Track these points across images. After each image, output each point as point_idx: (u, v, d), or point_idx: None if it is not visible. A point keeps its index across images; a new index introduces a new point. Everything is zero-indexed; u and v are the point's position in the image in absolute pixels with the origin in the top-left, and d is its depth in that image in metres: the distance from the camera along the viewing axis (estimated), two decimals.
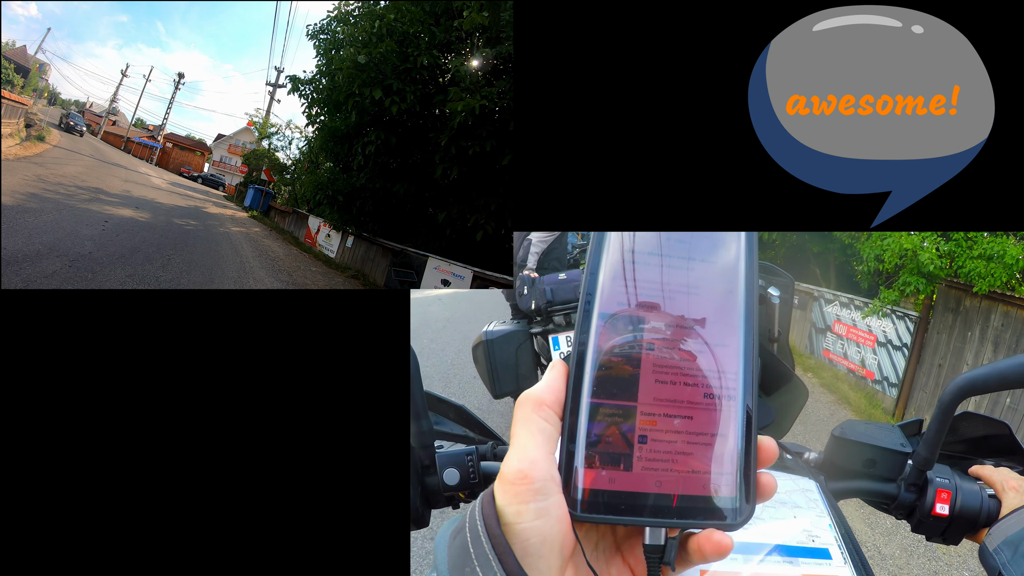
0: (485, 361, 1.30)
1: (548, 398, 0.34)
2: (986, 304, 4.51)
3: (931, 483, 0.65)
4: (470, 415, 0.85)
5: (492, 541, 0.31)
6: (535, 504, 0.31)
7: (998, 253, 4.27)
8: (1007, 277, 4.27)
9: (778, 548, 0.51)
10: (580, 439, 0.32)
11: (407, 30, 6.94)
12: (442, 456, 0.74)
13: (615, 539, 0.36)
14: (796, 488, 0.61)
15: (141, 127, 28.04)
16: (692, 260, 0.34)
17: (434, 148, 6.88)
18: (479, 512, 0.33)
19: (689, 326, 0.33)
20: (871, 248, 5.20)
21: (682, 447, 0.32)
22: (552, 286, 1.46)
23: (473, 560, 0.31)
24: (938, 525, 0.65)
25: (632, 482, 0.32)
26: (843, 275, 7.47)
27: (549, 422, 0.33)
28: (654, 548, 0.33)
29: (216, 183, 24.46)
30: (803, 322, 7.12)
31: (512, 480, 0.32)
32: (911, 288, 4.82)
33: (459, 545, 0.33)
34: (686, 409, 0.32)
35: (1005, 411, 4.10)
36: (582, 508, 0.32)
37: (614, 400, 0.32)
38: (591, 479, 0.32)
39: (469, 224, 6.76)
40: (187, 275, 6.15)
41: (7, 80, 17.66)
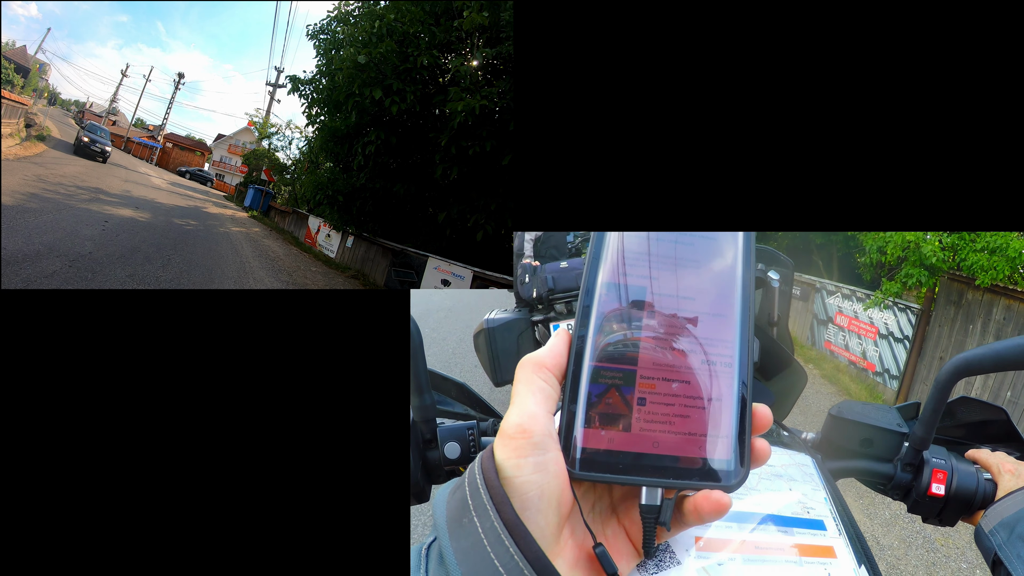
0: (486, 349, 1.29)
1: (549, 361, 0.34)
2: (988, 297, 4.51)
3: (927, 463, 0.65)
4: (472, 393, 0.85)
5: (491, 492, 0.31)
6: (533, 458, 0.32)
7: (1001, 246, 4.27)
8: (1010, 270, 4.28)
9: (772, 518, 0.51)
10: (581, 400, 0.33)
11: (407, 30, 6.94)
12: (443, 430, 0.74)
13: (611, 501, 0.36)
14: (792, 462, 0.61)
15: (141, 127, 28.06)
16: (691, 249, 0.35)
17: (434, 148, 6.88)
18: (478, 466, 0.33)
19: (688, 296, 0.34)
20: (874, 240, 5.20)
21: (680, 410, 0.33)
22: (554, 274, 1.45)
23: (471, 511, 0.32)
24: (934, 506, 0.65)
25: (630, 443, 0.33)
26: (845, 267, 7.46)
27: (549, 383, 0.34)
28: (650, 508, 0.33)
29: (203, 179, 24.37)
30: (805, 313, 7.13)
31: (512, 434, 0.32)
32: (913, 280, 4.82)
33: (458, 499, 0.33)
34: (684, 374, 0.33)
35: (1005, 404, 4.11)
36: (581, 467, 0.33)
37: (615, 364, 0.33)
38: (590, 438, 0.33)
39: (469, 224, 6.76)
40: (187, 275, 6.15)
41: (7, 80, 17.64)
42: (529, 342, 1.36)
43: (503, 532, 0.30)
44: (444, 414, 0.84)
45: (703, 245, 0.35)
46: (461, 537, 0.31)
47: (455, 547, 0.31)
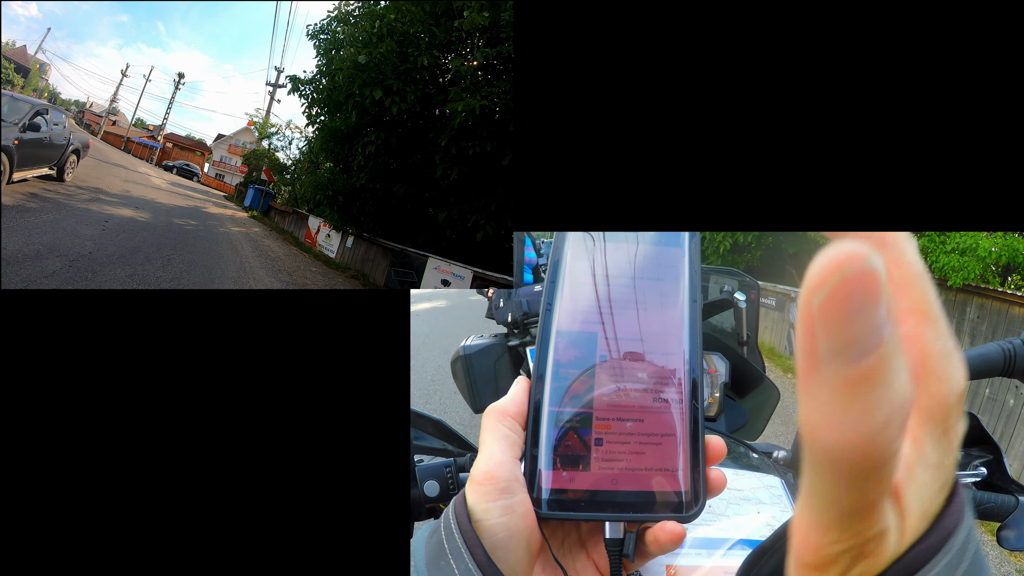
0: (464, 376, 1.30)
1: (511, 409, 0.37)
2: (962, 297, 4.56)
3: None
4: (448, 429, 0.87)
5: (464, 536, 0.34)
6: (501, 502, 0.34)
7: (971, 247, 4.32)
8: (981, 269, 4.33)
9: (741, 542, 0.53)
10: (542, 444, 0.36)
11: (407, 30, 6.93)
12: (422, 469, 0.76)
13: (579, 536, 0.38)
14: (760, 485, 0.62)
15: (141, 127, 28.02)
16: (638, 278, 0.37)
17: (434, 148, 6.87)
18: (452, 511, 0.36)
19: (637, 338, 0.37)
20: None
21: (635, 447, 0.35)
22: (528, 298, 1.46)
23: (447, 553, 0.34)
24: None
25: (591, 481, 0.35)
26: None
27: (513, 431, 0.36)
28: (614, 542, 0.35)
29: (190, 173, 24.06)
30: (781, 323, 7.16)
31: (480, 481, 0.35)
32: None
33: (435, 542, 0.35)
34: (637, 413, 0.36)
35: (985, 401, 4.13)
36: (547, 507, 0.35)
37: (572, 408, 0.36)
38: (553, 479, 0.35)
39: (469, 224, 6.76)
40: (187, 275, 6.15)
41: (7, 80, 17.62)
42: (506, 367, 1.36)
43: (476, 573, 0.33)
44: (421, 450, 0.86)
45: (649, 286, 0.37)
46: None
47: None
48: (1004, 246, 4.32)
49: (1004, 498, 0.64)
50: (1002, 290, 4.27)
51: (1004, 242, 4.34)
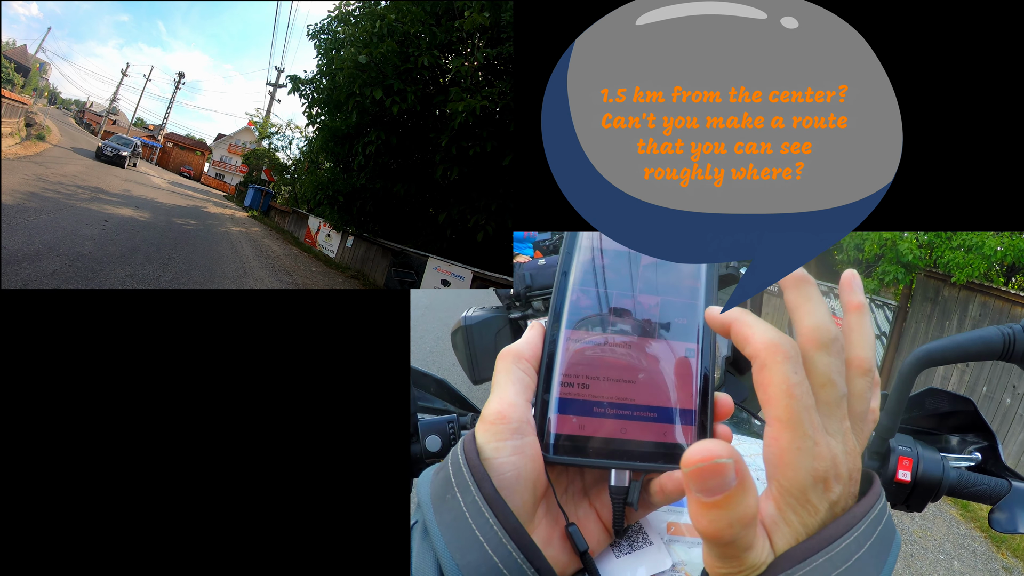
0: (464, 347, 1.29)
1: (527, 352, 0.37)
2: (964, 294, 4.56)
3: (893, 451, 0.67)
4: (451, 388, 0.87)
5: (472, 470, 0.34)
6: (512, 442, 0.34)
7: (977, 244, 4.33)
8: (985, 267, 4.33)
9: None
10: (554, 388, 0.36)
11: (408, 30, 6.94)
12: (424, 424, 0.76)
13: (583, 484, 0.39)
14: (761, 451, 0.63)
15: (141, 127, 28.04)
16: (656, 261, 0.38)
17: (434, 148, 6.88)
18: (461, 448, 0.35)
19: (654, 291, 0.38)
20: (851, 237, 5.24)
21: (646, 397, 0.36)
22: (532, 271, 1.45)
23: (454, 488, 0.34)
24: (901, 492, 0.67)
25: (600, 429, 0.35)
26: (823, 264, 7.51)
27: (527, 373, 0.36)
28: (619, 489, 0.36)
29: (120, 160, 22.82)
30: (782, 310, 7.14)
31: (492, 420, 0.35)
32: (890, 277, 4.86)
33: (442, 478, 0.35)
34: (649, 365, 0.36)
35: (982, 399, 4.13)
36: (554, 451, 0.35)
37: (585, 355, 0.36)
38: (562, 425, 0.35)
39: (469, 225, 6.76)
40: (187, 275, 6.16)
41: (7, 79, 17.63)
42: (507, 339, 1.36)
43: (483, 505, 0.33)
44: (424, 410, 0.86)
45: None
46: (444, 511, 0.34)
47: (439, 520, 0.34)
48: (1010, 246, 4.33)
49: (997, 482, 0.66)
50: (1006, 289, 4.28)
51: (1011, 242, 4.35)
